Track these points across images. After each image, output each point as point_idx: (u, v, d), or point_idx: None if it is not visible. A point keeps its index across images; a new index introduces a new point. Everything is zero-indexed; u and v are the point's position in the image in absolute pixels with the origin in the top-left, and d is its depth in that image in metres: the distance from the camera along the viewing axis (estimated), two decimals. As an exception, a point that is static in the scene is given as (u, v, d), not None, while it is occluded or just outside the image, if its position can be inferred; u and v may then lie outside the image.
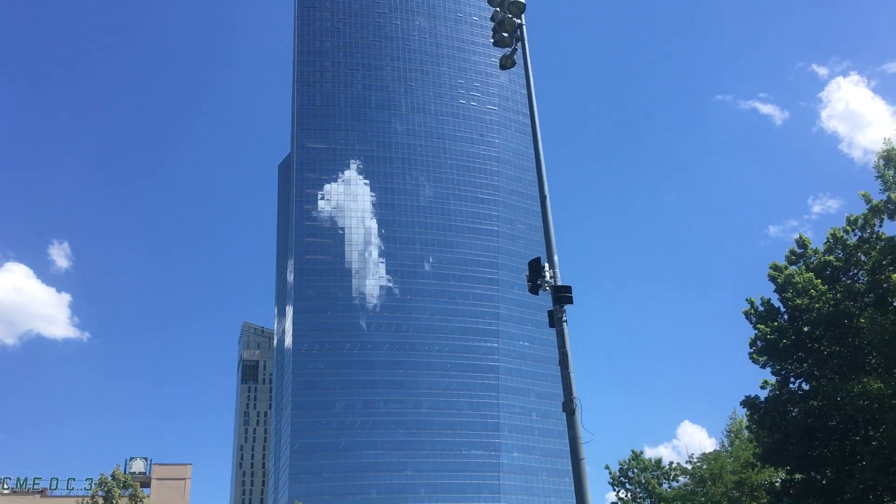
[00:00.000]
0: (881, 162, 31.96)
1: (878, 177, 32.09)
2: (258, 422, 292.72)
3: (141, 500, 64.44)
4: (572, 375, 24.10)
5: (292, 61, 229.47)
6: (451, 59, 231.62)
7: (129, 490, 64.52)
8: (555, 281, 24.88)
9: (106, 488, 62.61)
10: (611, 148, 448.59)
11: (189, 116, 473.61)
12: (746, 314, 39.02)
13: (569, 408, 23.75)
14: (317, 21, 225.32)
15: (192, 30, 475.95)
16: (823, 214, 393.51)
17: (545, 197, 27.56)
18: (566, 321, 24.88)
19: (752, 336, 37.80)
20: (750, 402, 38.08)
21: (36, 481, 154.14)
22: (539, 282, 25.10)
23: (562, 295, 24.70)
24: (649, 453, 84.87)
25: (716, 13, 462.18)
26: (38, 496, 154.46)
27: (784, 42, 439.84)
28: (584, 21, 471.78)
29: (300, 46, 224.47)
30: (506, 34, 30.40)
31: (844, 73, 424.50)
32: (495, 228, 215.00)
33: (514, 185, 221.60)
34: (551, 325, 25.58)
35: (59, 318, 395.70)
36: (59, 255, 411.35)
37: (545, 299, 25.45)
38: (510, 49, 30.91)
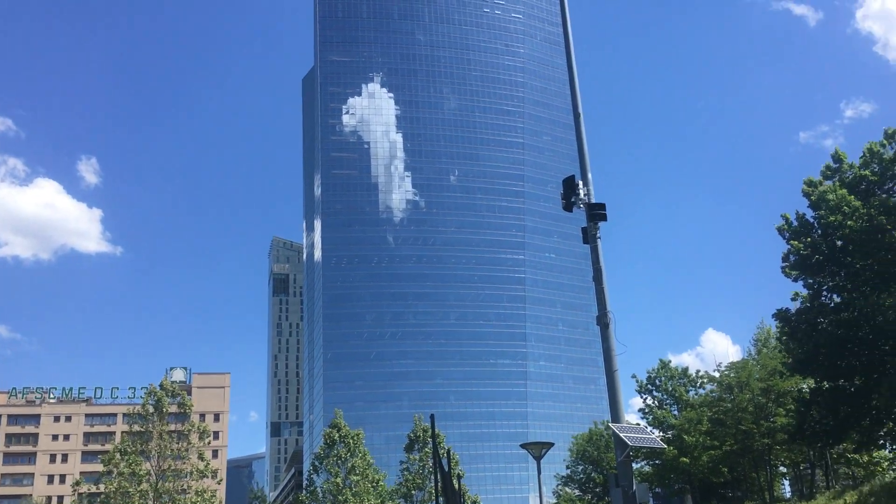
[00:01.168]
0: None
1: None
2: (290, 333, 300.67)
3: (189, 408, 67.74)
4: (606, 290, 24.71)
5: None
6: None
7: (178, 398, 67.70)
8: (589, 198, 25.07)
9: (156, 398, 65.87)
10: (640, 52, 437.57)
11: (213, 31, 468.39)
12: (780, 230, 39.47)
13: (603, 321, 24.51)
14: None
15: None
16: (856, 119, 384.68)
17: (579, 115, 27.52)
18: (600, 237, 25.63)
19: (786, 251, 38.48)
20: (782, 315, 39.07)
21: (81, 391, 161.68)
22: (573, 199, 25.63)
23: (596, 212, 25.09)
24: (674, 361, 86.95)
25: None
26: (83, 404, 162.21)
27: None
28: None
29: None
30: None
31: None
32: (521, 140, 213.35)
33: (540, 97, 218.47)
34: (585, 241, 26.14)
35: (92, 233, 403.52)
36: (88, 171, 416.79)
37: (570, 211, 25.72)
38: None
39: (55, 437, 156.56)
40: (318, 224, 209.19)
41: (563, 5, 30.04)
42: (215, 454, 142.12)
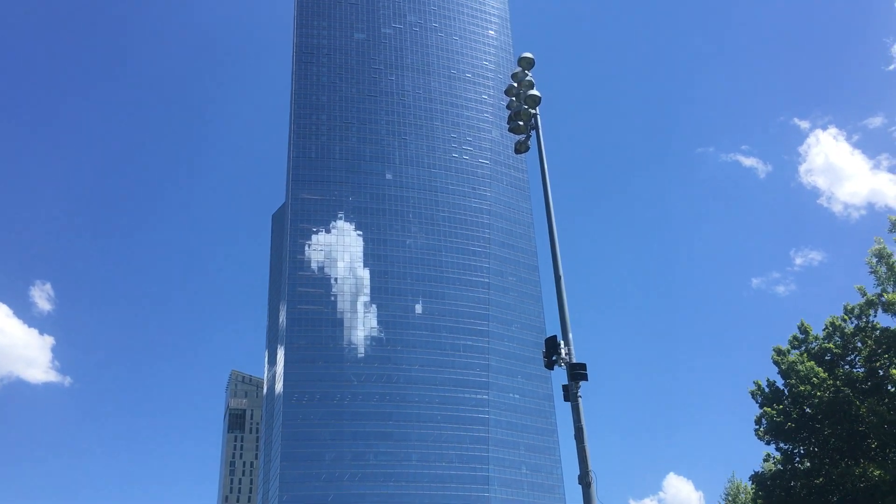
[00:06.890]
0: (874, 259, 34.85)
1: (871, 272, 34.96)
2: (244, 472, 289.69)
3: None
4: (587, 449, 25.64)
5: (289, 114, 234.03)
6: (444, 114, 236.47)
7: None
8: (570, 358, 26.38)
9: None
10: (595, 201, 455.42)
11: (185, 164, 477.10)
12: (753, 394, 41.62)
13: (584, 480, 25.29)
14: (314, 75, 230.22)
15: (190, 80, 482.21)
16: (806, 266, 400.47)
17: (560, 277, 29.20)
18: (581, 396, 26.86)
19: (758, 415, 40.42)
20: (757, 478, 40.50)
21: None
22: (555, 358, 27.07)
23: (577, 372, 26.33)
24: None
25: (698, 66, 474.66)
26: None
27: (766, 95, 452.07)
28: (567, 72, 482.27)
29: (297, 99, 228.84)
30: (521, 123, 33.13)
31: (824, 127, 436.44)
32: (486, 280, 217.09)
33: (505, 238, 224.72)
34: (566, 399, 27.23)
35: (41, 361, 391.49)
36: (41, 297, 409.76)
37: (535, 352, 27.24)
38: (524, 136, 33.73)
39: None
40: (280, 358, 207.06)
41: (545, 182, 32.65)
42: None
